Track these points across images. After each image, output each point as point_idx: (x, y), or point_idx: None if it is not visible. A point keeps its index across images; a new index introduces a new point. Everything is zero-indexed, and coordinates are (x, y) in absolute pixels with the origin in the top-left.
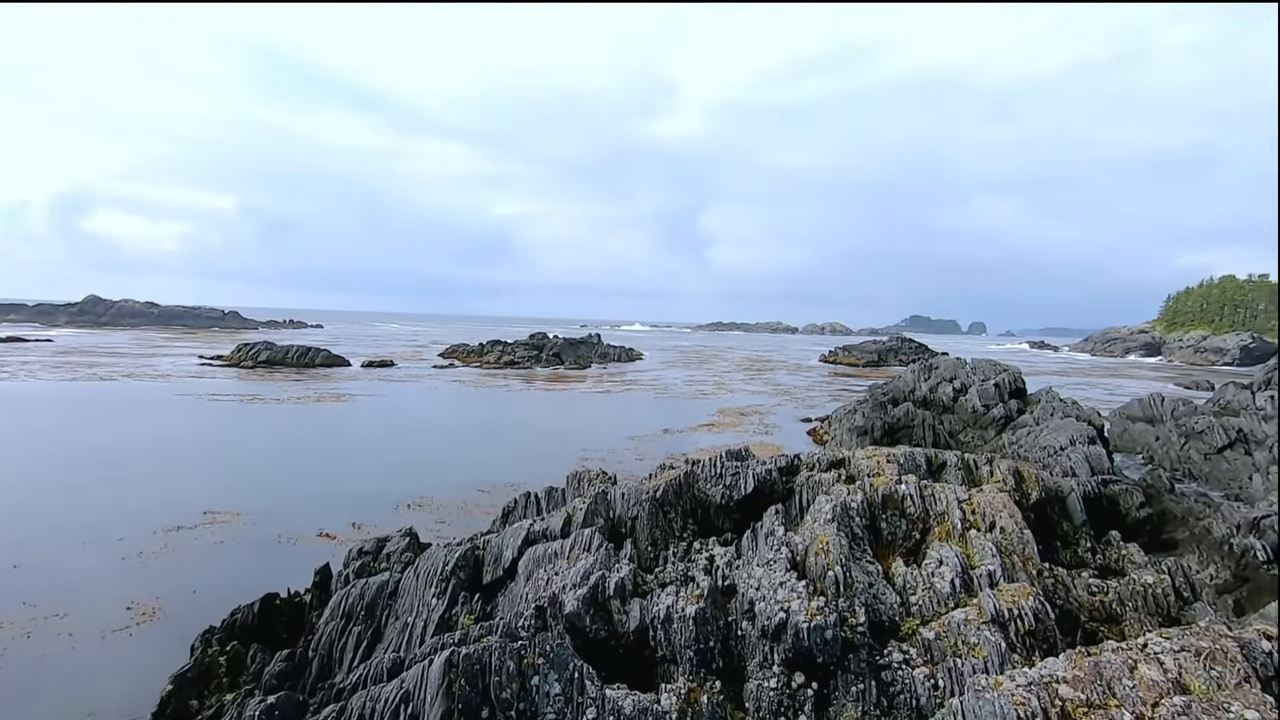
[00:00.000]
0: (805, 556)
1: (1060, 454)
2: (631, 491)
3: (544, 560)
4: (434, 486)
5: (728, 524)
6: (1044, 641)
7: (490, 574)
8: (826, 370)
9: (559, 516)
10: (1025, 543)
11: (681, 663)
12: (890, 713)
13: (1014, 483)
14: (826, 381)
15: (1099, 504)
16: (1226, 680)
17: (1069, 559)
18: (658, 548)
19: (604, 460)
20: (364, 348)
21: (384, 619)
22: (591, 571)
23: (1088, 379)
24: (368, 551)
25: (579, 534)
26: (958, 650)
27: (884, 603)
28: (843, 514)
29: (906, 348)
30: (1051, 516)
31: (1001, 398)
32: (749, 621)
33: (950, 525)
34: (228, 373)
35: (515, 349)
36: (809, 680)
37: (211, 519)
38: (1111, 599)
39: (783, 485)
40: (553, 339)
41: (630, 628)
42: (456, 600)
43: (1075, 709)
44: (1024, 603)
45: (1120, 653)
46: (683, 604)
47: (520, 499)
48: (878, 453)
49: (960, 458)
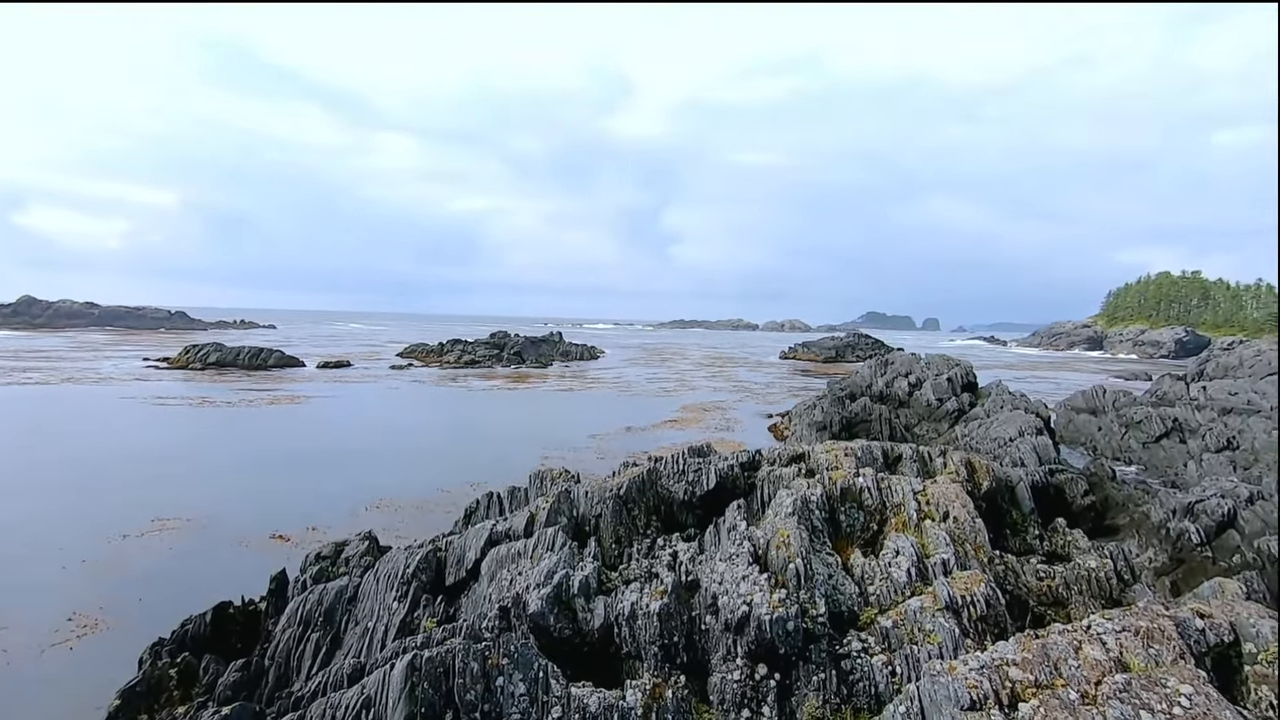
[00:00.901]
0: (767, 550)
1: (1010, 445)
2: (595, 490)
3: (507, 560)
4: (393, 488)
5: (691, 520)
6: (995, 626)
7: (453, 575)
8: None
9: (522, 516)
10: (977, 531)
11: (646, 659)
12: (850, 700)
13: (966, 474)
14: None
15: (1046, 492)
16: (1163, 657)
17: (1018, 546)
18: (622, 545)
19: (566, 459)
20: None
21: (343, 625)
22: (555, 570)
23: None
24: (326, 556)
25: (542, 533)
26: (914, 637)
27: (843, 593)
28: (803, 507)
29: (863, 344)
30: (1002, 505)
31: (954, 391)
32: (712, 616)
33: (906, 516)
34: (175, 375)
35: (476, 348)
36: (771, 672)
37: (160, 526)
38: (1058, 583)
39: (744, 480)
40: (514, 338)
41: (595, 625)
42: (418, 603)
43: (1024, 689)
44: (976, 589)
45: (1066, 634)
46: (647, 600)
47: (483, 499)
48: (836, 447)
49: (915, 450)
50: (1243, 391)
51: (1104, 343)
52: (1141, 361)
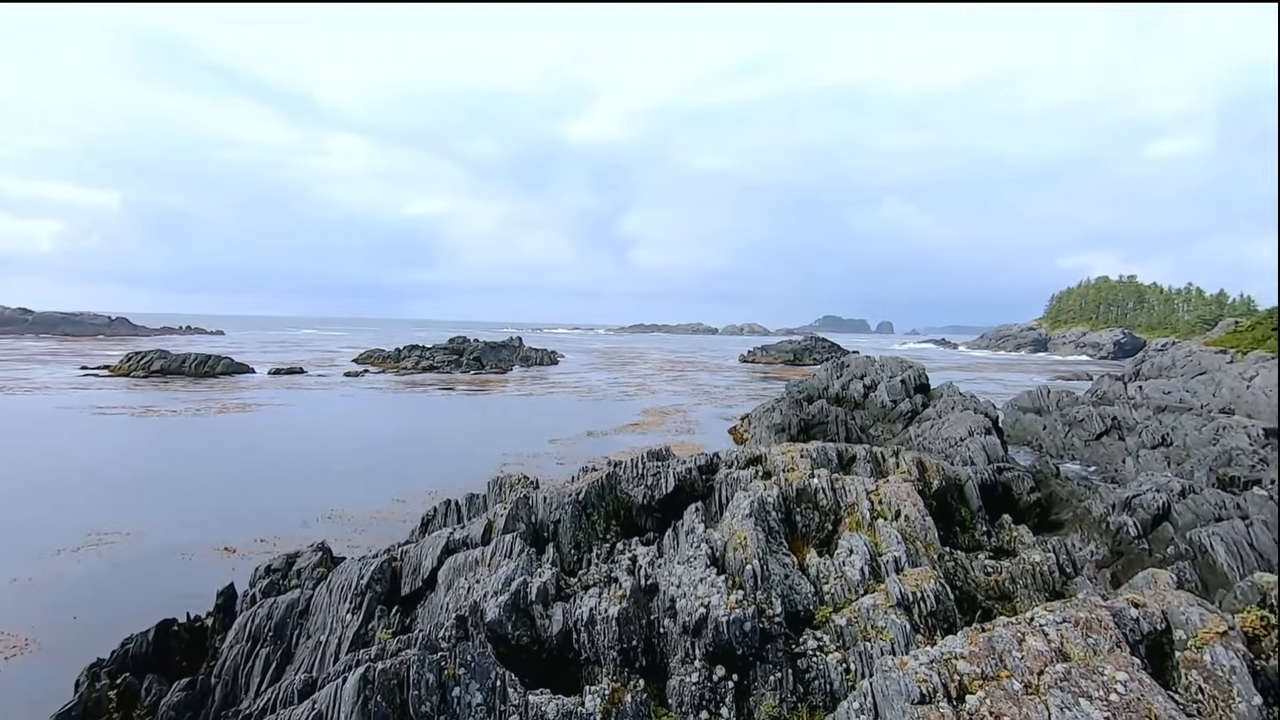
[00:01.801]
0: (724, 552)
1: (960, 444)
2: (554, 495)
3: (465, 568)
4: (348, 497)
5: (650, 523)
6: (944, 621)
7: (409, 585)
8: (746, 370)
9: (480, 523)
10: (927, 529)
11: (605, 663)
12: (806, 699)
13: (917, 473)
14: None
15: (994, 490)
16: (1101, 646)
17: (967, 542)
18: (581, 550)
19: (527, 465)
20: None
21: (295, 639)
22: (513, 578)
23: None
24: (276, 569)
25: (500, 540)
26: (867, 634)
27: (799, 593)
28: (759, 509)
29: (820, 347)
30: (951, 503)
31: (907, 393)
32: (671, 619)
33: (860, 516)
34: (116, 383)
35: (434, 354)
36: (729, 673)
37: (98, 540)
38: (1004, 578)
39: (703, 483)
40: (473, 343)
41: (554, 632)
42: (373, 614)
43: (971, 682)
44: (926, 586)
45: (1010, 627)
46: (605, 605)
47: (440, 507)
48: (792, 449)
49: (869, 451)
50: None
51: (1048, 344)
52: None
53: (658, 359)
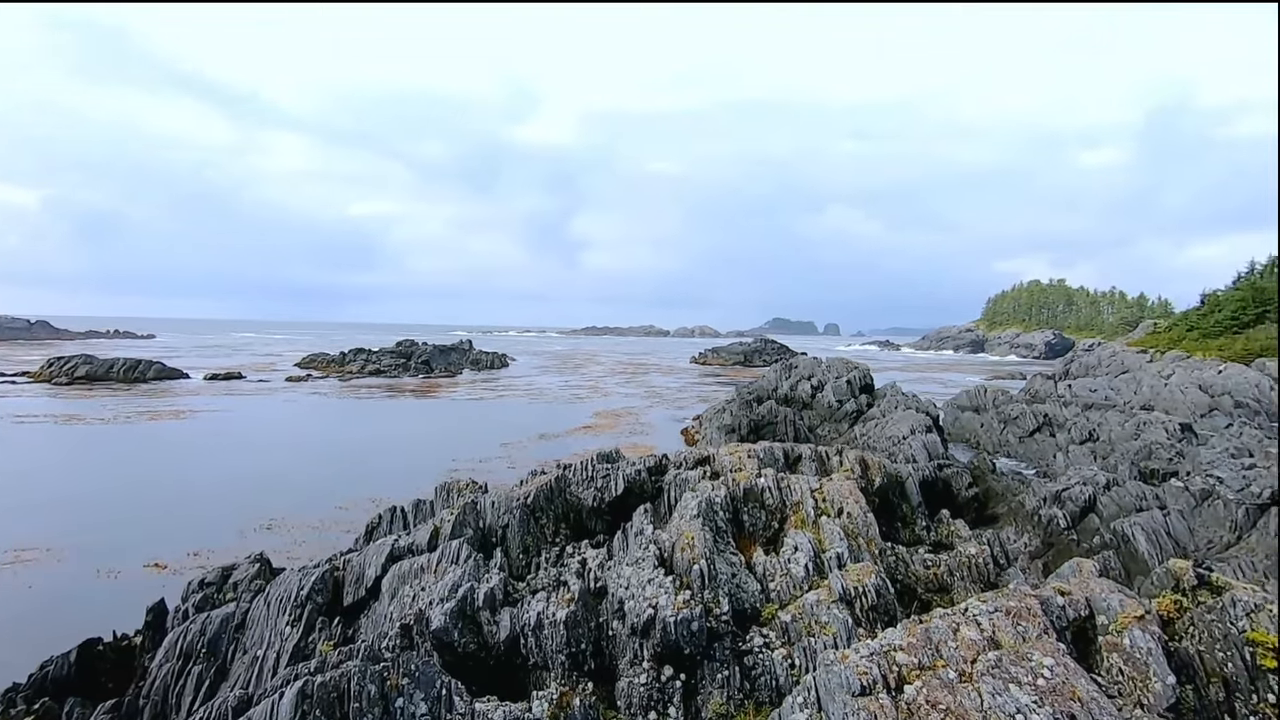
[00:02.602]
0: (673, 552)
1: (903, 442)
2: (502, 499)
3: (410, 576)
4: (288, 507)
5: (600, 526)
6: (885, 614)
7: (351, 595)
8: (697, 371)
9: (426, 530)
10: (869, 525)
11: (554, 668)
12: (752, 695)
13: (860, 471)
14: (697, 383)
15: (935, 486)
16: (1030, 634)
17: (908, 537)
18: (530, 554)
19: (478, 469)
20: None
21: (230, 654)
22: (460, 584)
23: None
24: (211, 582)
25: (447, 546)
26: (811, 629)
27: (746, 591)
28: (707, 509)
29: (770, 349)
30: (893, 499)
31: (853, 393)
32: (619, 620)
33: (804, 514)
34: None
35: (381, 358)
36: (677, 672)
37: (15, 558)
38: (942, 570)
39: (652, 485)
40: (422, 346)
41: (501, 638)
42: (313, 626)
43: (909, 672)
44: (867, 580)
45: (946, 618)
46: (553, 609)
47: (385, 514)
48: (739, 449)
49: (814, 450)
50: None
51: (985, 345)
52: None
53: (610, 361)
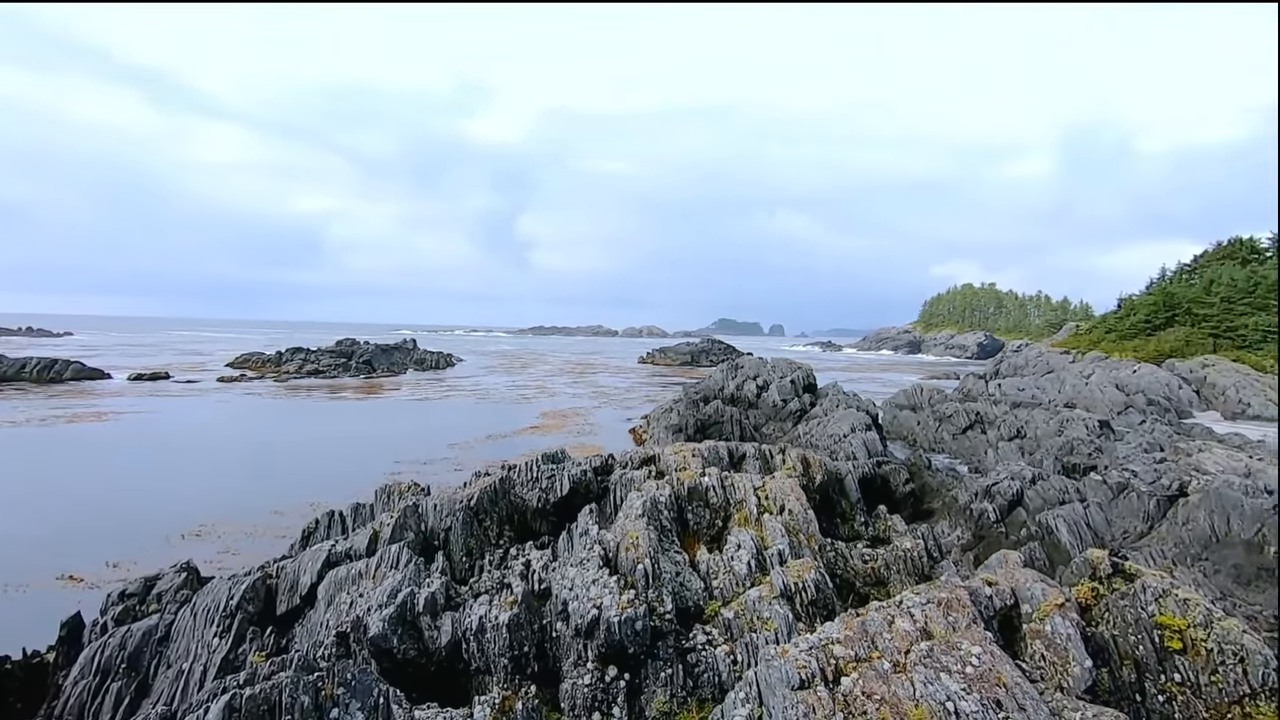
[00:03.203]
0: (617, 552)
1: (844, 440)
2: (445, 502)
3: (347, 582)
4: (218, 512)
5: (545, 527)
6: (824, 608)
7: (285, 603)
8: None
9: (365, 534)
10: (809, 522)
11: (496, 672)
12: (695, 692)
13: (802, 469)
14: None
15: (874, 483)
16: (960, 623)
17: (847, 532)
18: (473, 557)
19: (423, 471)
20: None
21: (152, 669)
22: (399, 589)
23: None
24: (132, 594)
25: (386, 550)
26: (753, 625)
27: (690, 589)
28: (652, 508)
29: (716, 349)
30: (833, 496)
31: (797, 393)
32: (563, 622)
33: (748, 512)
34: None
35: (320, 357)
36: (621, 672)
37: None
38: (880, 565)
39: (598, 485)
40: (363, 345)
41: (442, 643)
42: (244, 637)
43: (846, 664)
44: (807, 576)
45: (881, 611)
46: (496, 612)
47: (322, 518)
48: (684, 448)
49: (757, 449)
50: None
51: (922, 346)
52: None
53: (557, 361)
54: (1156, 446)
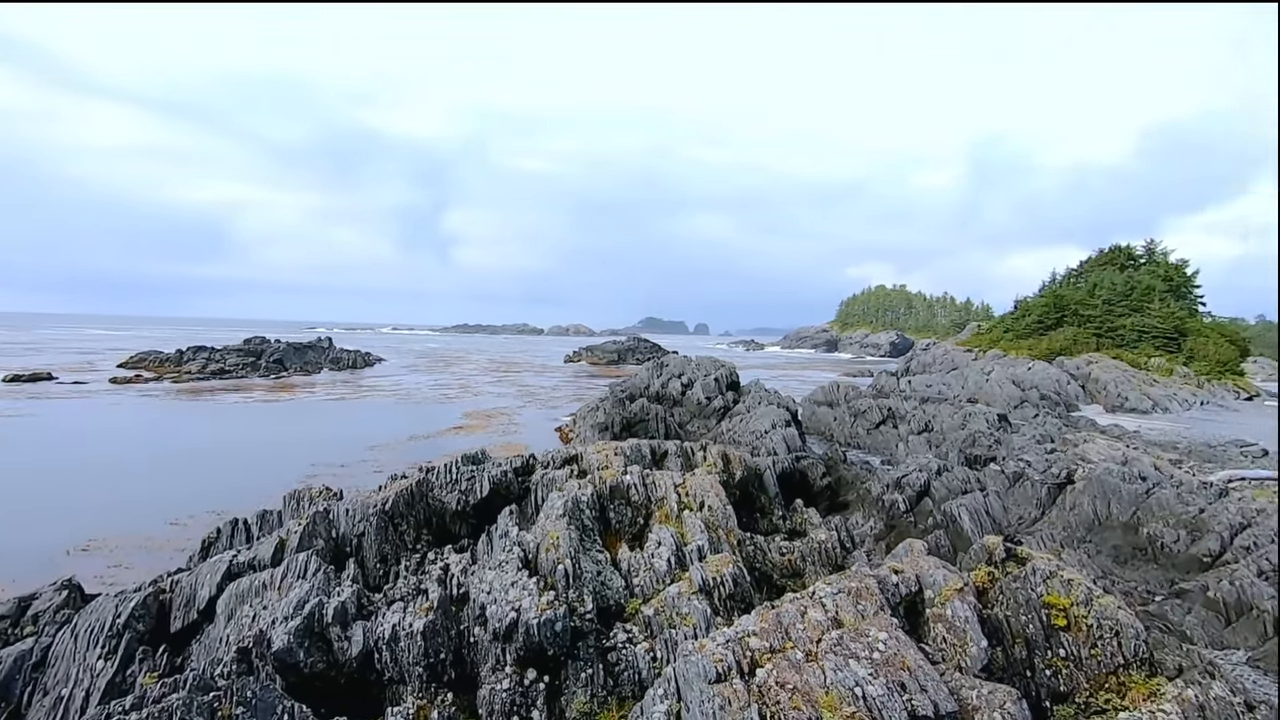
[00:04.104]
0: (537, 553)
1: (765, 436)
2: (357, 506)
3: (250, 594)
4: (111, 525)
5: (465, 530)
6: (742, 602)
7: (181, 620)
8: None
9: (270, 543)
10: (728, 517)
11: (411, 681)
12: (615, 691)
13: (722, 465)
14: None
15: (793, 477)
16: (868, 611)
17: (766, 526)
18: (388, 563)
19: (339, 475)
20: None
21: (26, 697)
22: (307, 599)
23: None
24: (4, 616)
25: (293, 559)
26: (672, 621)
27: (611, 587)
28: (574, 508)
29: (642, 347)
30: (752, 491)
31: (720, 390)
32: (481, 627)
33: (668, 509)
34: None
35: (225, 356)
36: (541, 675)
37: None
38: (796, 557)
39: (519, 485)
40: (274, 344)
41: (353, 654)
42: (133, 658)
43: (762, 656)
44: (725, 570)
45: (795, 602)
46: (410, 620)
47: (225, 527)
48: (607, 447)
49: (680, 446)
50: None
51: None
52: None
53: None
54: (1048, 438)
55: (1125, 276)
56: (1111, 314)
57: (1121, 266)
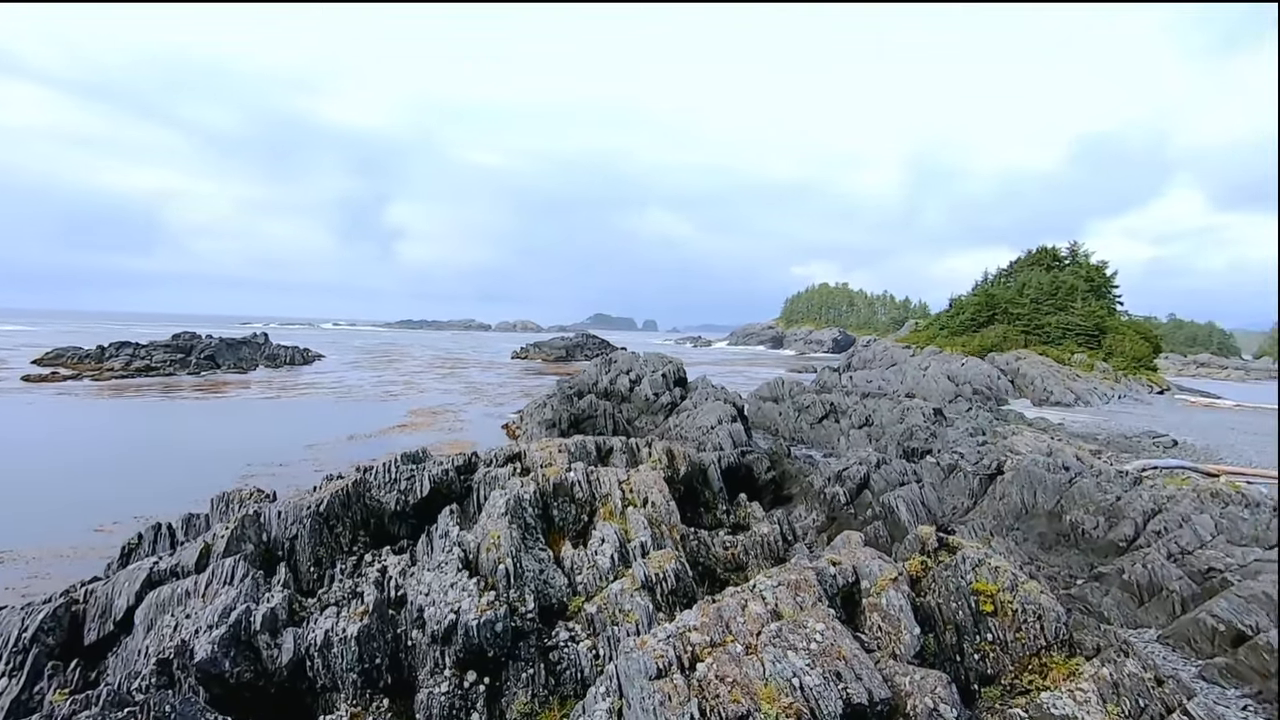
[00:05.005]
0: (478, 553)
1: (711, 432)
2: (290, 509)
3: (172, 603)
4: (27, 533)
5: (405, 530)
6: (684, 597)
7: (96, 631)
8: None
9: (195, 548)
10: (671, 513)
11: (344, 688)
12: (558, 690)
13: (667, 461)
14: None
15: (739, 472)
16: (807, 602)
17: (710, 521)
18: (322, 567)
19: (277, 475)
20: None
21: None
22: (233, 606)
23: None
24: None
25: (219, 565)
26: (615, 618)
27: (554, 586)
28: (516, 506)
29: (591, 343)
30: (697, 486)
31: (668, 386)
32: (419, 630)
33: (613, 505)
34: None
35: (152, 352)
36: (481, 677)
37: None
38: (739, 550)
39: (461, 484)
40: (205, 340)
41: (283, 662)
42: (41, 674)
43: (702, 650)
44: (667, 566)
45: (736, 595)
46: (344, 625)
47: (147, 533)
48: (550, 444)
49: (625, 443)
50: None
51: (784, 341)
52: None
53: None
54: (980, 431)
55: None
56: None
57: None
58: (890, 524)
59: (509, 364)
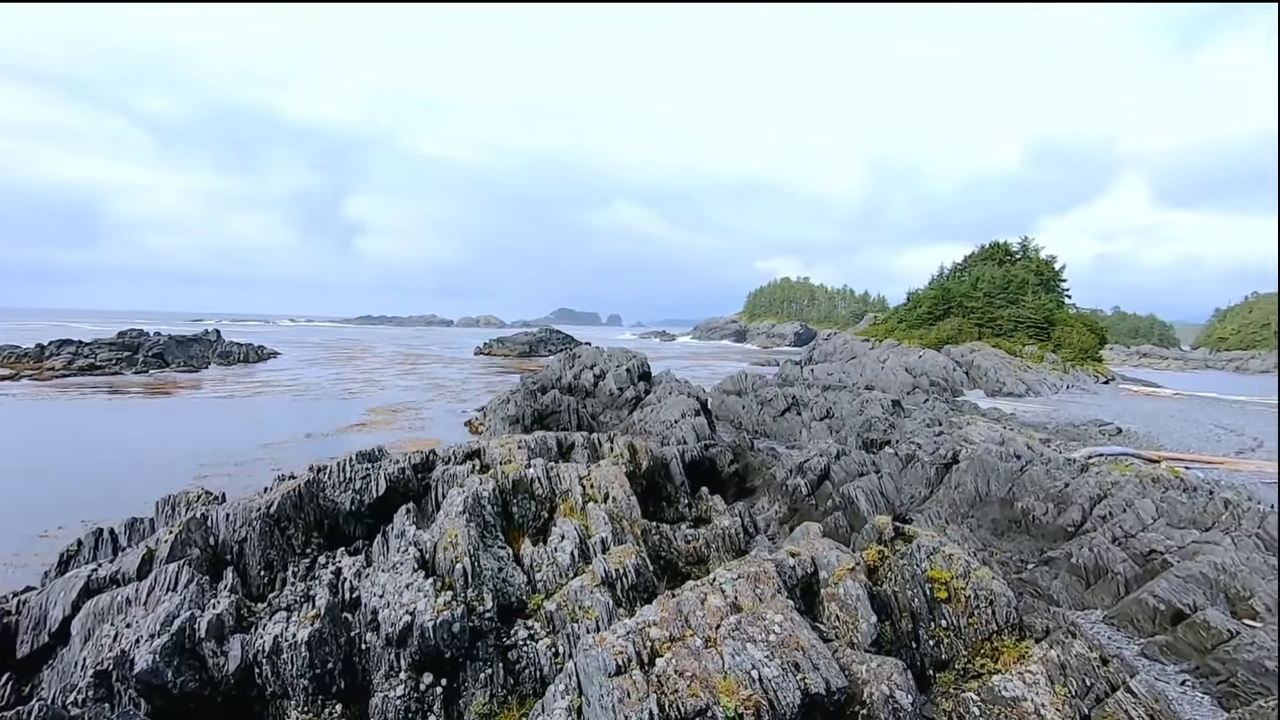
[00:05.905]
0: (435, 553)
1: (675, 425)
2: (239, 511)
3: (112, 611)
4: None
5: (360, 531)
6: (645, 592)
7: (29, 643)
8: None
9: (136, 554)
10: (632, 508)
11: (295, 694)
12: (517, 689)
13: (629, 455)
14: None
15: (702, 465)
16: (766, 595)
17: (672, 515)
18: (273, 570)
19: (233, 475)
20: None
21: None
22: (177, 614)
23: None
24: None
25: (162, 571)
26: (575, 615)
27: (513, 584)
28: (474, 504)
29: (555, 338)
30: (659, 480)
31: (632, 381)
32: (373, 632)
33: (573, 501)
34: None
35: (96, 350)
36: (438, 679)
37: None
38: (701, 544)
39: (418, 482)
40: (153, 337)
41: (230, 670)
42: None
43: (662, 645)
44: (628, 561)
45: (695, 589)
46: (294, 629)
47: (87, 539)
48: (510, 440)
49: (587, 438)
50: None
51: (747, 335)
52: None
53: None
54: (936, 421)
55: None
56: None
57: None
58: (850, 514)
59: (471, 360)
